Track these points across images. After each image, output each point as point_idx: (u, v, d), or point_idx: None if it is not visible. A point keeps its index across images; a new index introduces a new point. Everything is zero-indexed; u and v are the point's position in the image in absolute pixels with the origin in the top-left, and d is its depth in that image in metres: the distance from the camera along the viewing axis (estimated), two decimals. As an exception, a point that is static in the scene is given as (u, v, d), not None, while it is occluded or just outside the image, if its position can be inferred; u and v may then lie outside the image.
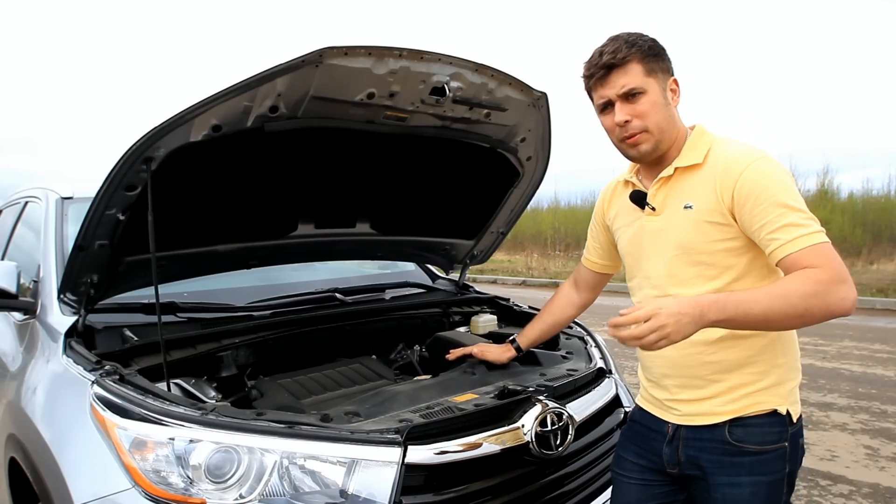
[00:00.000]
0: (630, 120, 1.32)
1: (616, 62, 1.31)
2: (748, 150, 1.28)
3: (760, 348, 1.32)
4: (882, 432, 3.91)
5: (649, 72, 1.31)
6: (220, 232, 2.08)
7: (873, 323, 7.72)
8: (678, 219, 1.34)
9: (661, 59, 1.34)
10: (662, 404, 1.43)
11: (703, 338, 1.30)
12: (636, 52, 1.30)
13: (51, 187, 2.54)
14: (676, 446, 1.39)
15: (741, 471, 1.30)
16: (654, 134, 1.33)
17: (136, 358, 1.81)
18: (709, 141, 1.35)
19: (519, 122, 2.13)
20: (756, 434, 1.31)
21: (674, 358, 1.37)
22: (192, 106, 1.57)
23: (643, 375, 1.51)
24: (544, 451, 1.57)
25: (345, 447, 1.38)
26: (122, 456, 1.38)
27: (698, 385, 1.35)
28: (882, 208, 12.59)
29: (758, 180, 1.23)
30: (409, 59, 1.72)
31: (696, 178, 1.33)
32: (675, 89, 1.37)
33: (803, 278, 1.14)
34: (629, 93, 1.31)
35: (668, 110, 1.34)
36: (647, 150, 1.35)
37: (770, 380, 1.32)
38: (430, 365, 2.38)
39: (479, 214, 2.59)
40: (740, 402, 1.32)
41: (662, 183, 1.38)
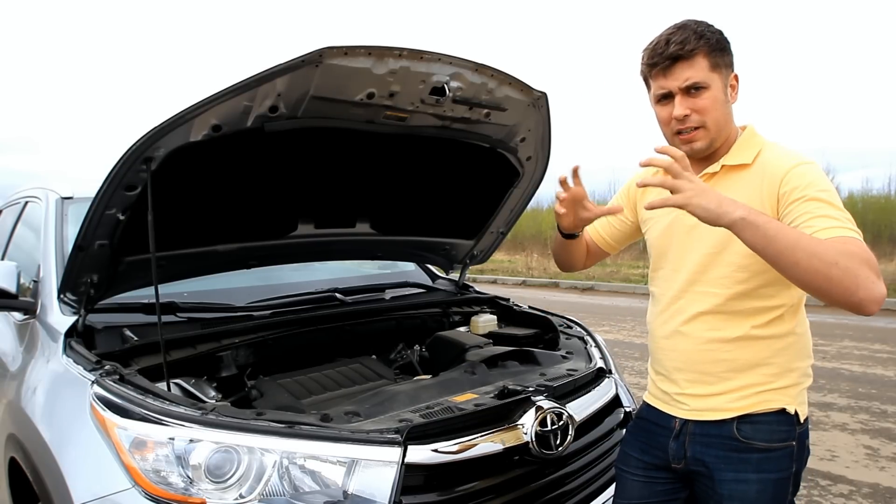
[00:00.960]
0: (690, 114, 1.29)
1: (683, 54, 1.27)
2: (797, 155, 1.27)
3: (777, 350, 1.30)
4: (882, 432, 3.91)
5: (714, 66, 1.28)
6: (220, 232, 2.08)
7: (873, 323, 7.72)
8: None
9: (727, 53, 1.30)
10: (671, 398, 1.41)
11: (721, 335, 1.31)
12: (704, 44, 1.26)
13: (51, 187, 2.54)
14: (683, 441, 1.38)
15: (748, 467, 1.29)
16: (711, 131, 1.31)
17: (136, 358, 1.81)
18: (760, 143, 1.33)
19: (519, 122, 2.13)
20: (764, 431, 1.30)
21: (689, 352, 1.36)
22: (192, 106, 1.57)
23: (652, 369, 1.50)
24: (544, 450, 1.57)
25: (345, 447, 1.39)
26: (122, 456, 1.38)
27: (710, 381, 1.34)
28: (882, 208, 12.60)
29: (803, 177, 1.21)
30: (409, 59, 1.72)
31: (742, 178, 1.30)
32: (735, 85, 1.33)
33: (845, 242, 1.09)
34: (692, 86, 1.28)
35: (727, 108, 1.32)
36: (701, 147, 1.33)
37: (782, 382, 1.31)
38: (430, 365, 2.38)
39: (479, 214, 2.59)
40: (750, 399, 1.31)
41: (706, 179, 1.34)
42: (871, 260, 1.09)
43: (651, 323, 1.49)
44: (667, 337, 1.41)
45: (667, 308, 1.42)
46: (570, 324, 2.54)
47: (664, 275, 1.44)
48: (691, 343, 1.35)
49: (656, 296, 1.48)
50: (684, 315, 1.37)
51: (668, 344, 1.41)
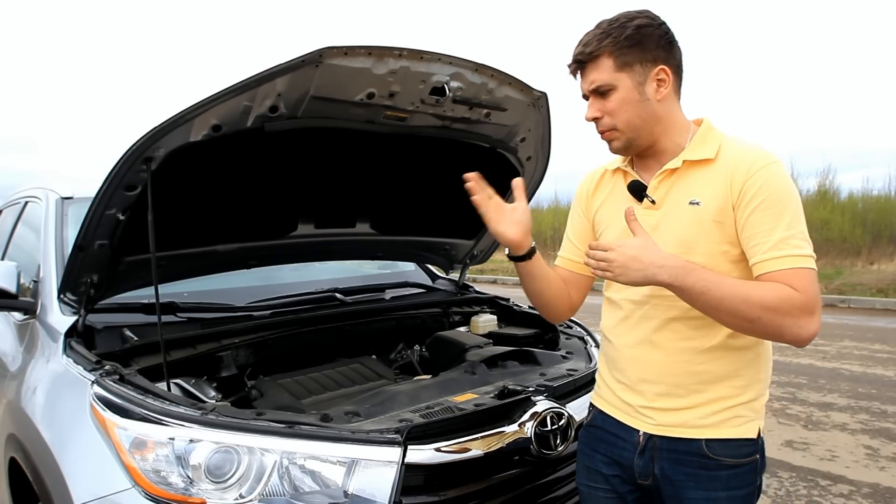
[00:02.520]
0: (600, 117, 1.28)
1: (584, 58, 1.26)
2: (765, 151, 1.23)
3: (747, 362, 1.27)
4: (882, 432, 3.91)
5: (622, 66, 1.23)
6: (220, 232, 2.08)
7: (873, 323, 7.72)
8: (682, 215, 1.26)
9: (642, 48, 1.24)
10: (635, 410, 1.32)
11: (695, 345, 1.26)
12: (609, 44, 1.23)
13: (51, 187, 2.54)
14: (650, 458, 1.30)
15: (718, 485, 1.24)
16: (625, 132, 1.28)
17: (136, 358, 1.81)
18: (718, 137, 1.28)
19: (519, 122, 2.13)
20: (732, 447, 1.25)
21: (660, 363, 1.29)
22: (192, 106, 1.57)
23: (611, 377, 1.39)
24: (544, 450, 1.57)
25: (345, 447, 1.39)
26: (122, 456, 1.38)
27: (679, 394, 1.27)
28: (882, 208, 12.58)
29: (771, 182, 1.18)
30: (409, 59, 1.72)
31: (705, 173, 1.25)
32: (664, 79, 1.26)
33: (774, 289, 1.12)
34: (597, 89, 1.26)
35: (643, 107, 1.26)
36: (618, 147, 1.31)
37: (749, 394, 1.27)
38: (430, 365, 2.38)
39: (479, 214, 2.59)
40: (720, 415, 1.25)
41: (666, 175, 1.29)
42: (806, 303, 1.12)
43: (611, 330, 1.40)
44: (634, 346, 1.33)
45: (631, 314, 1.34)
46: (570, 324, 2.54)
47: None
48: (663, 354, 1.28)
49: (616, 302, 1.38)
50: (653, 322, 1.29)
51: (636, 353, 1.32)
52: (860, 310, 8.85)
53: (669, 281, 1.14)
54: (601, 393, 1.44)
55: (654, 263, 1.15)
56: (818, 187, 12.95)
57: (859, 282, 10.10)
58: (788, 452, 3.60)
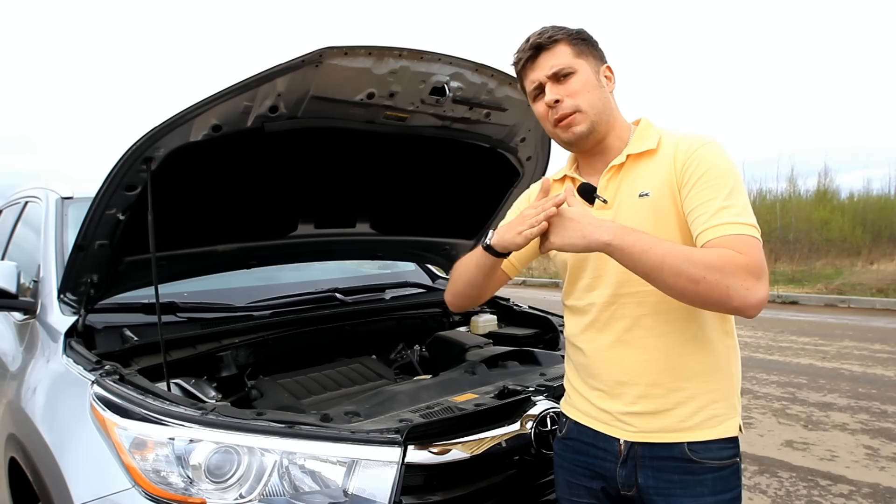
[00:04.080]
0: (561, 100, 1.26)
1: (543, 42, 1.27)
2: (704, 134, 1.24)
3: (721, 355, 1.26)
4: (882, 432, 3.91)
5: (579, 53, 1.28)
6: (220, 232, 2.08)
7: (873, 323, 7.72)
8: (633, 207, 1.25)
9: (591, 44, 1.30)
10: (614, 418, 1.28)
11: (669, 341, 1.23)
12: (564, 34, 1.28)
13: (51, 187, 2.54)
14: (632, 467, 1.25)
15: (705, 490, 1.21)
16: (589, 114, 1.27)
17: (136, 358, 1.82)
18: (658, 131, 1.30)
19: (519, 122, 2.13)
20: (714, 448, 1.22)
21: (634, 363, 1.26)
22: (192, 106, 1.57)
23: (585, 385, 1.35)
24: (544, 450, 1.57)
25: (345, 447, 1.38)
26: (122, 456, 1.38)
27: (658, 394, 1.24)
28: (882, 208, 12.60)
29: (709, 158, 1.19)
30: (409, 59, 1.72)
31: (650, 164, 1.26)
32: (610, 76, 1.32)
33: (717, 252, 1.10)
34: (559, 73, 1.26)
35: (603, 92, 1.29)
36: (583, 131, 1.27)
37: (725, 389, 1.25)
38: (430, 365, 2.38)
39: (479, 214, 2.59)
40: (698, 415, 1.23)
41: (614, 172, 1.29)
42: (750, 264, 1.08)
43: (578, 337, 1.35)
44: (606, 349, 1.29)
45: (598, 317, 1.30)
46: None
47: (586, 284, 1.33)
48: (638, 353, 1.25)
49: (580, 308, 1.34)
50: (623, 322, 1.27)
51: (610, 356, 1.29)
52: (860, 310, 8.85)
53: (608, 239, 1.11)
54: (573, 402, 1.39)
55: (591, 224, 1.14)
56: (818, 187, 12.97)
57: (859, 282, 10.11)
58: (788, 452, 3.60)
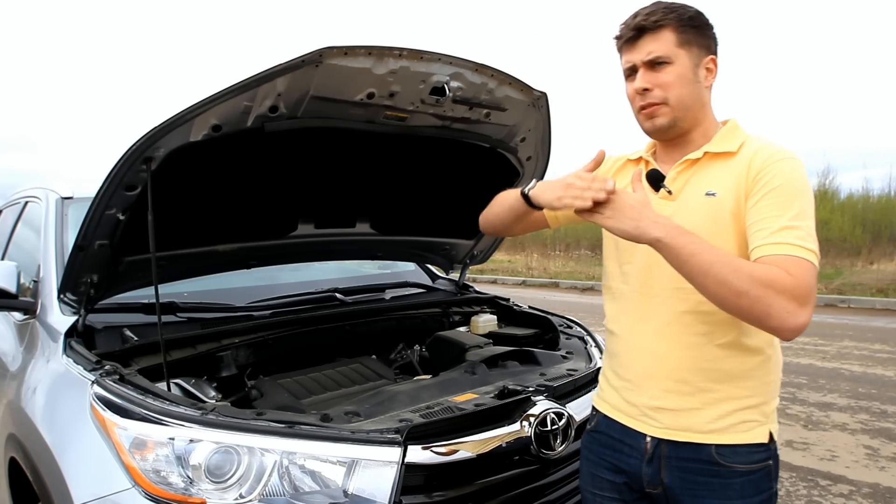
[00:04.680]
0: (650, 89, 1.22)
1: (648, 25, 1.21)
2: (785, 149, 1.20)
3: (757, 363, 1.23)
4: (882, 432, 3.91)
5: (682, 42, 1.21)
6: (220, 232, 2.08)
7: (873, 323, 7.72)
8: (697, 206, 1.23)
9: (701, 32, 1.23)
10: (641, 412, 1.28)
11: (706, 340, 1.22)
12: (673, 18, 1.21)
13: (51, 187, 2.54)
14: (658, 466, 1.25)
15: (732, 493, 1.20)
16: (674, 109, 1.23)
17: (136, 358, 1.82)
18: (743, 135, 1.26)
19: (519, 122, 2.13)
20: (743, 453, 1.21)
21: (666, 357, 1.24)
22: (192, 106, 1.57)
23: (614, 376, 1.36)
24: (544, 450, 1.57)
25: (345, 447, 1.39)
26: (122, 456, 1.38)
27: (686, 392, 1.22)
28: (882, 208, 12.60)
29: (784, 174, 1.15)
30: (409, 59, 1.72)
31: (725, 167, 1.23)
32: (712, 69, 1.25)
33: (766, 268, 1.07)
34: (655, 60, 1.21)
35: (696, 88, 1.23)
36: (663, 124, 1.25)
37: (759, 398, 1.23)
38: (430, 365, 2.38)
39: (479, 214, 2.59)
40: (728, 419, 1.21)
41: (687, 166, 1.27)
42: (798, 289, 1.05)
43: (614, 322, 1.36)
44: (640, 339, 1.29)
45: (639, 306, 1.30)
46: (570, 324, 2.54)
47: (632, 270, 1.32)
48: (672, 348, 1.24)
49: (623, 293, 1.34)
50: (663, 315, 1.25)
51: (642, 347, 1.29)
52: (860, 310, 8.85)
53: (660, 235, 1.09)
54: (604, 395, 1.40)
55: (648, 217, 1.11)
56: (818, 187, 12.96)
57: (859, 282, 10.10)
58: (788, 452, 3.60)
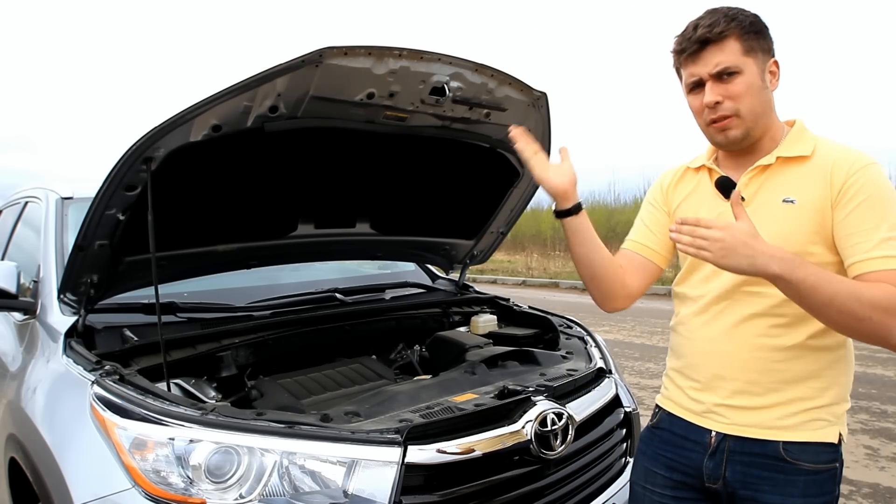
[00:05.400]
0: (721, 101, 1.21)
1: (712, 37, 1.19)
2: (863, 153, 1.18)
3: (828, 363, 1.22)
4: (882, 432, 3.91)
5: (748, 50, 1.19)
6: (220, 232, 2.08)
7: (873, 323, 7.71)
8: (774, 213, 1.21)
9: (763, 37, 1.22)
10: (708, 410, 1.28)
11: (775, 343, 1.22)
12: (735, 26, 1.19)
13: (51, 187, 2.54)
14: (721, 460, 1.25)
15: (795, 491, 1.19)
16: (746, 120, 1.22)
17: (136, 358, 1.81)
18: (813, 137, 1.24)
19: (519, 122, 2.12)
20: (811, 451, 1.20)
21: (736, 358, 1.24)
22: (192, 106, 1.57)
23: (679, 376, 1.36)
24: (544, 451, 1.57)
25: (345, 447, 1.39)
26: (122, 456, 1.38)
27: (756, 392, 1.23)
28: (882, 208, 12.57)
29: (873, 182, 1.14)
30: (409, 59, 1.72)
31: (800, 171, 1.21)
32: (775, 72, 1.24)
33: (884, 289, 1.06)
34: (723, 72, 1.19)
35: (765, 95, 1.22)
36: (737, 136, 1.23)
37: (829, 397, 1.22)
38: (430, 365, 2.38)
39: (479, 214, 2.59)
40: (798, 417, 1.21)
41: (758, 172, 1.25)
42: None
43: (683, 325, 1.36)
44: (710, 341, 1.29)
45: (707, 309, 1.30)
46: (570, 324, 2.54)
47: (705, 276, 1.31)
48: (741, 349, 1.24)
49: (692, 297, 1.34)
50: (733, 317, 1.25)
51: (712, 349, 1.28)
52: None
53: (779, 272, 1.06)
54: (669, 394, 1.40)
55: (764, 253, 1.07)
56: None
57: (859, 282, 10.08)
58: (788, 452, 3.60)
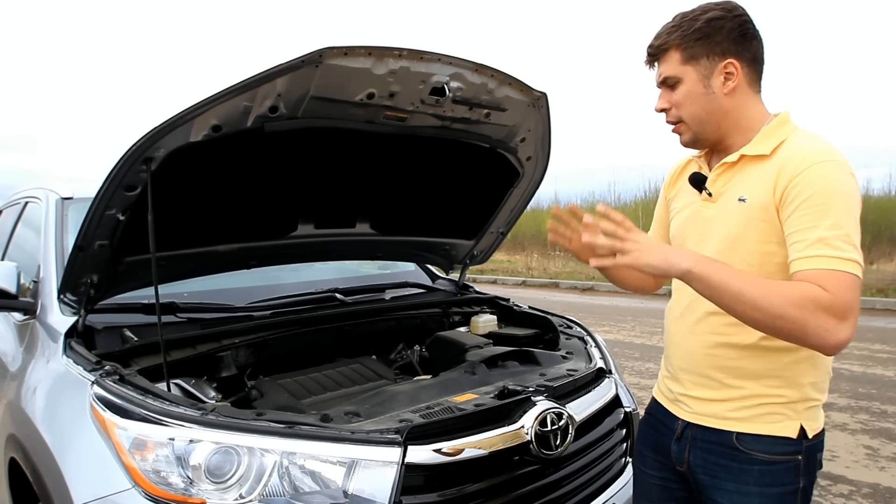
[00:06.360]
0: (668, 108, 1.31)
1: (654, 52, 1.31)
2: (821, 149, 1.17)
3: (786, 364, 1.24)
4: (882, 432, 3.91)
5: (688, 59, 1.25)
6: (220, 232, 2.08)
7: (873, 323, 7.71)
8: (731, 211, 1.26)
9: (710, 41, 1.23)
10: (676, 398, 1.39)
11: (729, 341, 1.26)
12: (676, 37, 1.26)
13: (51, 187, 2.54)
14: (685, 445, 1.35)
15: (749, 479, 1.25)
16: (691, 125, 1.30)
17: (136, 358, 1.82)
18: (785, 132, 1.24)
19: (519, 122, 2.13)
20: (766, 443, 1.24)
21: (694, 354, 1.33)
22: (192, 106, 1.57)
23: (663, 365, 1.48)
24: (544, 451, 1.57)
25: (345, 447, 1.39)
26: (122, 456, 1.38)
27: (713, 386, 1.30)
28: (882, 208, 12.58)
29: (817, 181, 1.13)
30: (409, 59, 1.72)
31: (759, 170, 1.23)
32: (733, 73, 1.24)
33: (799, 287, 1.09)
34: (665, 81, 1.30)
35: (710, 101, 1.26)
36: (686, 140, 1.34)
37: (789, 395, 1.25)
38: (430, 365, 2.38)
39: (479, 214, 2.59)
40: (752, 410, 1.25)
41: (724, 169, 1.30)
42: (834, 305, 1.06)
43: (666, 317, 1.46)
44: (679, 335, 1.38)
45: (678, 303, 1.39)
46: (570, 324, 2.54)
47: None
48: (699, 345, 1.32)
49: (673, 289, 1.42)
50: (695, 315, 1.32)
51: (679, 342, 1.38)
52: (860, 310, 8.83)
53: (688, 267, 1.13)
54: (658, 382, 1.52)
55: (675, 251, 1.17)
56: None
57: (859, 282, 10.07)
58: (788, 452, 3.60)
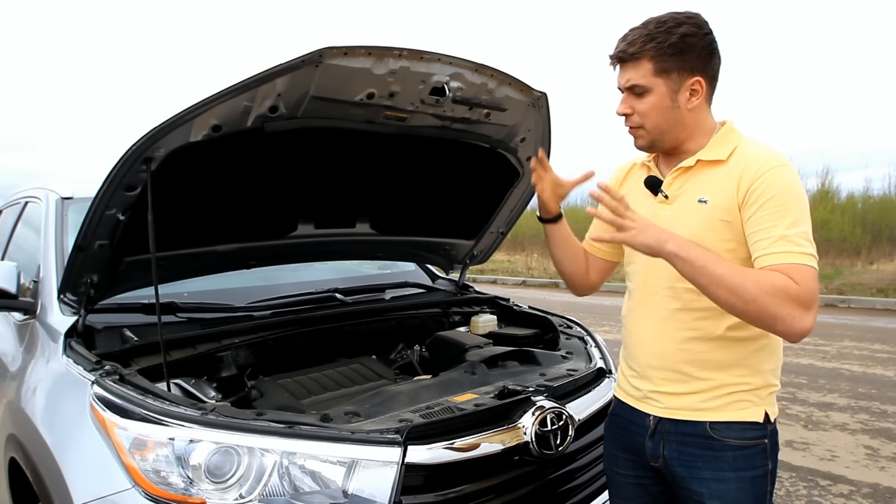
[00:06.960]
0: (631, 113, 1.34)
1: (625, 57, 1.31)
2: (775, 154, 1.27)
3: (749, 353, 1.32)
4: (882, 432, 3.91)
5: (660, 71, 1.28)
6: (220, 232, 2.08)
7: (873, 323, 7.72)
8: (691, 212, 1.32)
9: (683, 57, 1.28)
10: (645, 396, 1.41)
11: (697, 335, 1.32)
12: (651, 48, 1.27)
13: (51, 187, 2.54)
14: (659, 441, 1.37)
15: (725, 465, 1.30)
16: (651, 133, 1.34)
17: (136, 358, 1.82)
18: (736, 139, 1.33)
19: (519, 122, 2.13)
20: (736, 429, 1.31)
21: (664, 350, 1.36)
22: (192, 106, 1.57)
23: (625, 365, 1.50)
24: (544, 450, 1.57)
25: (345, 447, 1.39)
26: (122, 456, 1.39)
27: (683, 380, 1.34)
28: (882, 208, 12.58)
29: (776, 184, 1.22)
30: (409, 59, 1.72)
31: (716, 173, 1.31)
32: (698, 90, 1.31)
33: (772, 276, 1.16)
34: (632, 88, 1.32)
35: (674, 114, 1.32)
36: (643, 145, 1.39)
37: (753, 382, 1.32)
38: (430, 365, 2.39)
39: (479, 214, 2.59)
40: (722, 399, 1.32)
41: (681, 173, 1.36)
42: (802, 295, 1.15)
43: (626, 318, 1.49)
44: (643, 333, 1.41)
45: (641, 303, 1.42)
46: (570, 324, 2.54)
47: (637, 269, 1.44)
48: (668, 343, 1.36)
49: (631, 290, 1.48)
50: (661, 313, 1.37)
51: (645, 340, 1.41)
52: (860, 310, 8.85)
53: (675, 250, 1.20)
54: (619, 382, 1.53)
55: (665, 232, 1.23)
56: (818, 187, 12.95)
57: (859, 282, 10.10)
58: (788, 452, 3.60)
